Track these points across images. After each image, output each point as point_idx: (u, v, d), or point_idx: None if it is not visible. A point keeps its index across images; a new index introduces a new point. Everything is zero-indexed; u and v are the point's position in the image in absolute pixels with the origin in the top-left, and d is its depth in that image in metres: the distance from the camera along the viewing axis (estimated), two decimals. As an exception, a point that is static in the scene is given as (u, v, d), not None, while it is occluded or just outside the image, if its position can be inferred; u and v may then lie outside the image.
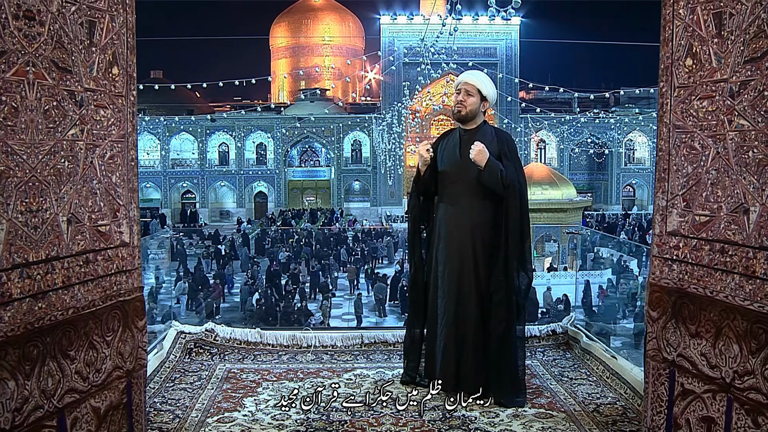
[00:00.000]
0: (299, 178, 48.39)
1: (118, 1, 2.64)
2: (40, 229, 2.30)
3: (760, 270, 2.41)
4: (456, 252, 3.67)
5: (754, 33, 2.40)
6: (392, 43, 45.21)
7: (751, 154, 2.43)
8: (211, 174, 46.17)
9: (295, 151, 48.13)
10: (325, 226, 36.50)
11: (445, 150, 3.85)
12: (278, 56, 64.35)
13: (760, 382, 2.42)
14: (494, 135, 3.75)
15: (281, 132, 45.99)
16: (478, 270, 3.64)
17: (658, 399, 2.95)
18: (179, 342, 4.41)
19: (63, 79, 2.39)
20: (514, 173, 3.59)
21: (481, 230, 3.64)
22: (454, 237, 3.69)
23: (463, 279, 3.65)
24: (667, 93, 2.85)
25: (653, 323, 2.96)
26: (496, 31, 45.49)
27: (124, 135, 2.74)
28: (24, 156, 2.22)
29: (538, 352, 4.55)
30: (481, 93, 3.74)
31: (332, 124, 46.12)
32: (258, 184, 47.31)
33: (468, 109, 3.73)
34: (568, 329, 4.74)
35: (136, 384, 2.84)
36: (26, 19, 2.20)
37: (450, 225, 3.71)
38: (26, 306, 2.22)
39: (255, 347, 4.57)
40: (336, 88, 54.62)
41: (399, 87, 40.56)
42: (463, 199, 3.70)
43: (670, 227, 2.86)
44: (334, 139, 46.55)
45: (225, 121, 45.66)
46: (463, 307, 3.65)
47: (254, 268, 23.32)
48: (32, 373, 2.26)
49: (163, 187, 45.57)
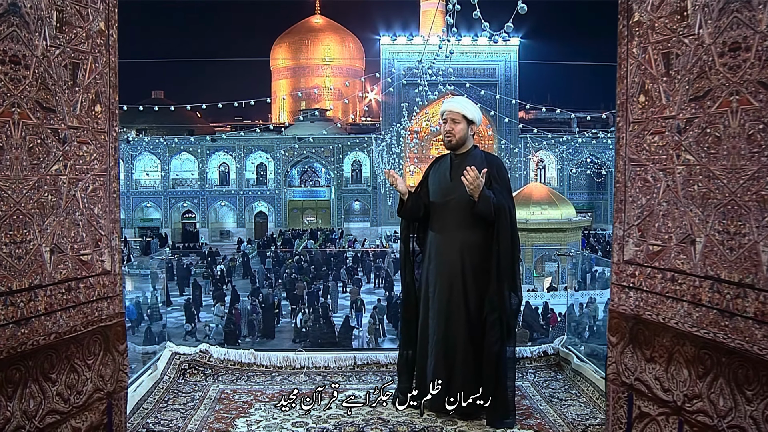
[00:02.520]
0: (299, 198, 48.59)
1: (101, 43, 2.81)
2: (23, 259, 2.44)
3: (705, 298, 2.55)
4: (446, 273, 3.76)
5: (697, 73, 2.56)
6: (392, 64, 45.64)
7: (696, 188, 2.58)
8: (212, 194, 46.41)
9: (296, 171, 48.39)
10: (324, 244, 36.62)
11: (437, 174, 3.96)
12: (279, 77, 64.96)
13: (707, 405, 2.54)
14: (484, 159, 3.84)
15: (281, 152, 46.29)
16: (468, 291, 3.72)
17: (618, 421, 3.06)
18: (173, 363, 4.50)
19: (47, 118, 2.54)
20: (503, 197, 3.68)
21: (471, 252, 3.73)
22: (445, 258, 3.78)
23: (453, 299, 3.73)
24: (623, 128, 3.00)
25: (613, 348, 3.09)
26: (495, 52, 45.90)
27: (106, 169, 2.89)
28: (9, 191, 2.37)
29: (530, 373, 4.61)
30: (467, 118, 3.82)
31: (332, 144, 46.44)
32: (258, 204, 47.52)
33: (457, 137, 3.81)
34: (560, 350, 4.80)
35: (116, 405, 2.96)
36: (12, 64, 2.36)
37: (440, 246, 3.81)
38: (9, 332, 2.36)
39: (249, 368, 4.65)
40: (336, 108, 55.08)
41: (398, 107, 40.89)
42: (454, 222, 3.79)
43: (626, 256, 3.00)
44: (334, 159, 46.83)
45: (225, 141, 46.01)
46: (453, 327, 3.73)
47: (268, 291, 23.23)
48: (14, 395, 2.39)
49: (163, 207, 45.78)
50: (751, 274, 2.33)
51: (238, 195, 46.50)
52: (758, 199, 2.29)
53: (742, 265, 2.37)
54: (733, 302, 2.41)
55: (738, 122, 2.37)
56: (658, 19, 2.76)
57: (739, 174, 2.37)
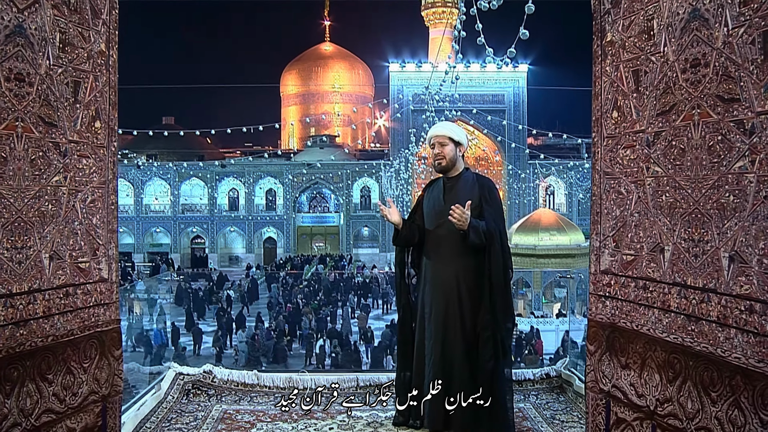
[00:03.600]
0: (308, 223, 48.78)
1: (102, 63, 2.98)
2: (24, 264, 2.59)
3: (673, 304, 2.65)
4: (441, 294, 3.83)
5: (663, 89, 2.69)
6: (401, 91, 46.09)
7: (664, 198, 2.70)
8: (221, 219, 46.71)
9: (305, 197, 48.66)
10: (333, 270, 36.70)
11: (430, 197, 4.05)
12: (289, 103, 65.78)
13: (677, 409, 2.62)
14: (476, 181, 3.93)
15: (290, 178, 46.66)
16: (464, 311, 3.78)
17: (596, 428, 3.14)
18: (177, 383, 4.56)
19: (49, 133, 2.71)
20: (494, 220, 3.75)
21: (466, 273, 3.80)
22: (440, 279, 3.85)
23: (449, 320, 3.79)
24: (598, 142, 3.13)
25: (591, 356, 3.17)
26: (503, 79, 46.24)
27: (104, 182, 3.04)
28: (11, 200, 2.52)
29: (532, 395, 4.63)
30: (453, 140, 3.92)
31: (341, 170, 46.76)
32: (267, 229, 47.74)
33: (447, 158, 3.90)
34: (562, 372, 4.81)
35: (111, 409, 3.08)
36: (17, 81, 2.53)
37: (435, 268, 3.89)
38: (8, 332, 2.49)
39: (252, 389, 4.70)
40: (345, 134, 55.58)
41: (407, 134, 41.21)
42: (449, 244, 3.84)
43: (602, 266, 3.11)
44: (343, 185, 47.10)
45: (235, 167, 46.43)
46: (450, 348, 3.78)
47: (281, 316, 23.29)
48: (12, 393, 2.52)
49: (172, 232, 46.09)
50: (714, 279, 2.43)
51: (248, 221, 46.77)
52: (718, 207, 2.41)
53: (705, 270, 2.48)
54: (698, 307, 2.51)
55: (699, 134, 2.49)
56: (628, 39, 2.91)
57: (701, 183, 2.49)
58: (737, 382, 2.33)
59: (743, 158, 2.29)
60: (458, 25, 11.39)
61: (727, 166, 2.37)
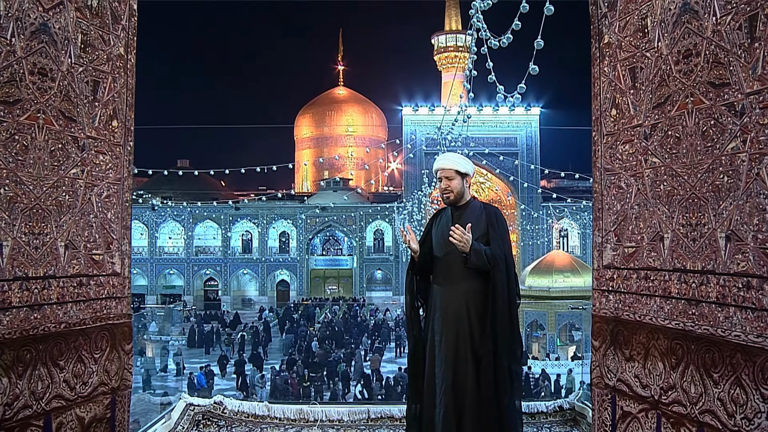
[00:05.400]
0: (321, 266, 48.82)
1: (120, 66, 3.13)
2: (40, 250, 2.68)
3: (674, 290, 2.68)
4: (452, 322, 3.81)
5: (658, 82, 2.78)
6: (414, 134, 46.56)
7: (662, 187, 2.76)
8: (234, 262, 46.87)
9: (318, 240, 48.85)
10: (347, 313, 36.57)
11: (438, 227, 4.08)
12: (303, 146, 66.53)
13: (680, 395, 2.63)
14: (483, 209, 3.96)
15: (304, 221, 46.93)
16: (474, 337, 3.75)
17: (602, 425, 3.13)
18: (188, 414, 4.54)
19: (68, 127, 2.84)
20: (499, 246, 3.75)
21: (475, 299, 3.78)
22: (450, 307, 3.83)
23: (460, 348, 3.76)
24: (598, 141, 3.21)
25: (596, 352, 3.19)
26: (516, 122, 46.63)
27: (120, 178, 3.16)
28: (30, 186, 2.64)
29: (545, 427, 4.57)
30: (459, 172, 3.95)
31: (354, 213, 47.01)
32: (280, 272, 47.82)
33: (455, 193, 3.94)
34: (575, 405, 4.75)
35: (120, 402, 3.12)
36: (40, 75, 2.67)
37: (445, 296, 3.88)
38: (23, 314, 2.57)
39: (262, 420, 4.66)
40: (358, 177, 56.04)
41: (419, 176, 41.51)
42: (457, 272, 3.84)
43: (605, 261, 3.15)
44: (357, 227, 47.27)
45: (249, 209, 46.81)
46: (461, 376, 3.74)
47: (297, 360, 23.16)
48: (24, 375, 2.58)
49: (186, 274, 46.28)
50: (712, 260, 2.48)
51: (261, 263, 46.92)
52: (714, 190, 2.47)
53: (703, 253, 2.52)
54: (698, 290, 2.54)
55: (693, 121, 2.57)
56: (624, 39, 3.02)
57: (697, 169, 2.56)
58: (737, 360, 2.34)
59: (735, 139, 2.36)
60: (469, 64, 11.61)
61: (720, 148, 2.44)
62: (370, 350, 26.79)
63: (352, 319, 34.00)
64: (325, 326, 31.14)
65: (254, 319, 35.14)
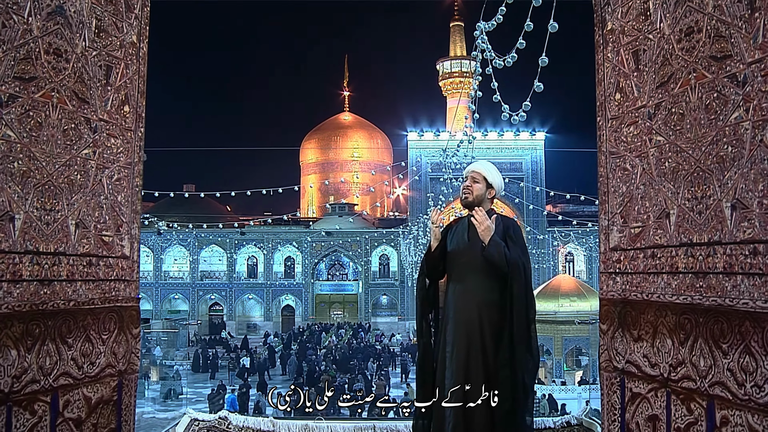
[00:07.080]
0: (327, 291, 48.67)
1: (133, 53, 3.20)
2: (51, 226, 2.71)
3: (681, 265, 2.69)
4: (464, 331, 3.73)
5: (661, 62, 2.83)
6: (419, 159, 46.77)
7: (668, 164, 2.78)
8: (239, 287, 46.79)
9: (323, 265, 48.77)
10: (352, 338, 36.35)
11: (454, 234, 4.02)
12: (308, 172, 66.79)
13: (690, 370, 2.62)
14: (500, 220, 3.88)
15: (309, 245, 46.92)
16: (486, 350, 3.67)
17: (611, 408, 3.11)
18: (192, 429, 4.53)
19: (81, 108, 2.89)
20: (518, 254, 3.68)
21: (488, 311, 3.71)
22: (462, 317, 3.76)
23: (471, 359, 3.69)
24: (603, 125, 3.25)
25: (604, 335, 3.18)
26: (521, 147, 46.78)
27: (130, 163, 3.20)
28: (43, 163, 2.68)
29: None
30: (487, 180, 3.91)
31: (360, 238, 47.00)
32: (285, 297, 47.68)
33: (474, 195, 3.89)
34: (583, 421, 4.70)
35: (126, 385, 3.12)
36: (55, 55, 2.74)
37: (458, 305, 3.81)
38: (33, 288, 2.60)
39: None
40: (364, 202, 56.14)
41: (425, 200, 41.56)
42: (471, 281, 3.79)
43: (612, 243, 3.16)
44: (362, 252, 47.21)
45: (254, 234, 46.83)
46: (473, 387, 3.65)
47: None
48: (33, 349, 2.59)
49: (191, 298, 46.20)
50: (718, 231, 2.49)
51: (266, 288, 46.80)
52: (718, 161, 2.49)
53: (710, 224, 2.53)
54: (705, 262, 2.55)
55: (697, 96, 2.61)
56: (627, 24, 3.07)
57: (701, 142, 2.58)
58: (746, 328, 2.34)
59: (738, 108, 2.39)
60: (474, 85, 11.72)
61: (723, 120, 2.46)
62: (375, 374, 26.56)
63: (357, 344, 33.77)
64: (330, 351, 30.95)
65: (259, 344, 34.94)
